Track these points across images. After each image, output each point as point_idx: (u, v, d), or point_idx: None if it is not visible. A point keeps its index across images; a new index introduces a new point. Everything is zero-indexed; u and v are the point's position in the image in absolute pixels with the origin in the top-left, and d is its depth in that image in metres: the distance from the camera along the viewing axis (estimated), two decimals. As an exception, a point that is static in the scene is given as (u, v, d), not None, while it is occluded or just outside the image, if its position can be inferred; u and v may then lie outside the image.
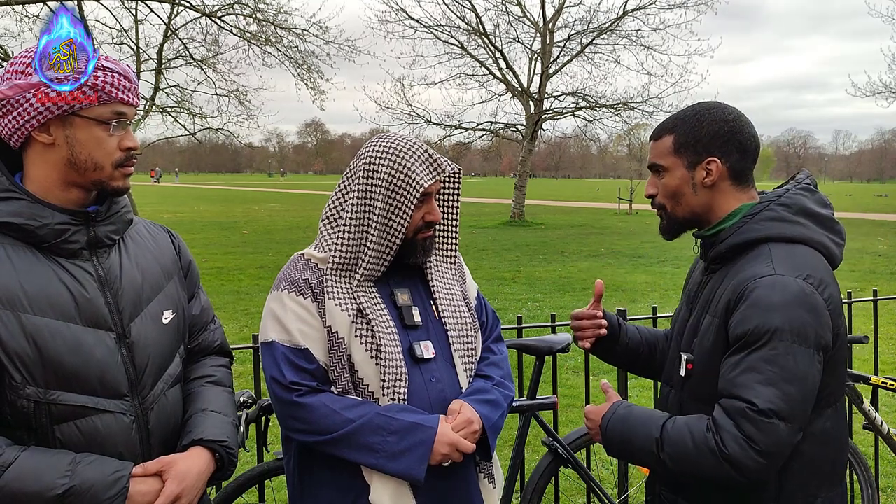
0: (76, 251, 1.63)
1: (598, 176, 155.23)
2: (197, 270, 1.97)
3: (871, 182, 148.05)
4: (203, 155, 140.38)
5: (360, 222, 1.97)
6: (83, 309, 1.61)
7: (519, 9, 27.17)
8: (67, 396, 1.57)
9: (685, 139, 1.87)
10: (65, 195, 1.64)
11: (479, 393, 2.02)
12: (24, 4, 17.38)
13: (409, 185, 1.94)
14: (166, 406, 1.74)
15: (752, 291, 1.71)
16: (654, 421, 1.81)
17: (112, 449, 1.62)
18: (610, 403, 1.93)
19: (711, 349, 1.80)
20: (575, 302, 10.57)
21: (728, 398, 1.69)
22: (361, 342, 1.92)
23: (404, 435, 1.85)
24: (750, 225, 1.82)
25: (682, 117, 1.90)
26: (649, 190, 1.96)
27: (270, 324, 1.95)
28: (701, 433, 1.71)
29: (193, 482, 1.67)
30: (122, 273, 1.70)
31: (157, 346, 1.72)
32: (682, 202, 1.90)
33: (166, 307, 1.78)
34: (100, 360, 1.61)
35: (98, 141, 1.61)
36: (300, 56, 22.43)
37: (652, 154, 1.93)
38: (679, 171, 1.88)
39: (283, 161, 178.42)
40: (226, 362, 2.00)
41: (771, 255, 1.77)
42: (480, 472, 2.06)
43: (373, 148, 2.00)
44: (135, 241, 1.79)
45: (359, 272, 1.96)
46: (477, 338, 2.12)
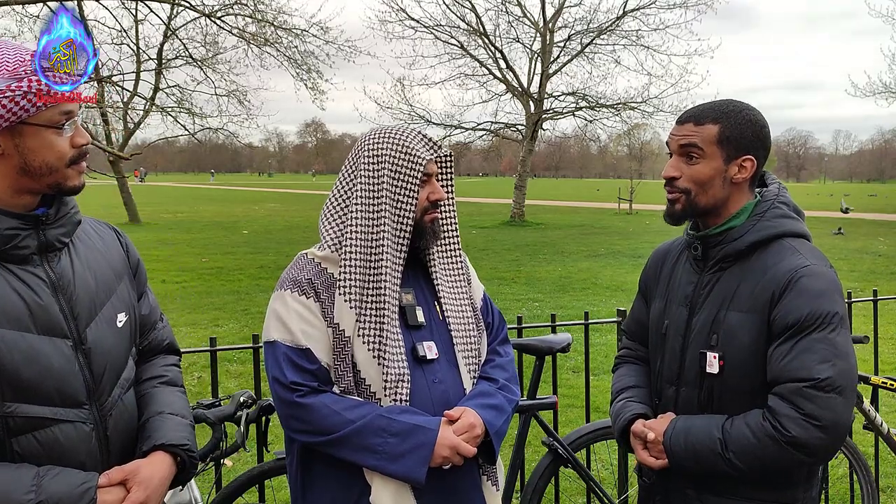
0: (26, 256, 1.57)
1: (598, 176, 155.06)
2: (144, 269, 1.92)
3: (872, 182, 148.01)
4: (203, 155, 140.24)
5: (371, 210, 1.96)
6: (38, 317, 1.55)
7: (519, 9, 27.19)
8: (26, 408, 1.51)
9: (730, 133, 1.88)
10: (14, 201, 1.58)
11: (483, 397, 2.00)
12: (24, 4, 17.38)
13: (413, 162, 1.96)
14: (123, 411, 1.71)
15: (798, 281, 1.79)
16: (711, 425, 1.85)
17: (73, 459, 1.57)
18: (668, 419, 1.95)
19: (750, 344, 1.84)
20: (575, 302, 10.56)
21: (782, 384, 1.76)
22: (364, 341, 1.91)
23: (405, 437, 1.85)
24: (763, 223, 1.89)
25: (726, 111, 1.90)
26: (672, 172, 1.93)
27: (273, 323, 1.95)
28: (758, 424, 1.77)
29: (157, 488, 1.65)
30: (75, 277, 1.64)
31: (113, 350, 1.69)
32: (708, 192, 1.91)
33: (120, 310, 1.74)
34: (57, 369, 1.55)
35: (50, 145, 1.56)
36: (300, 56, 22.45)
37: (693, 136, 1.90)
38: (716, 161, 1.89)
39: (283, 161, 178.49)
40: (176, 360, 1.96)
41: (796, 248, 1.87)
42: (483, 474, 2.05)
43: (371, 138, 2.01)
44: (83, 242, 1.73)
45: (384, 261, 1.93)
46: (481, 339, 2.11)
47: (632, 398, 2.11)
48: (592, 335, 3.67)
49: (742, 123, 1.89)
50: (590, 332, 3.69)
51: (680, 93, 36.81)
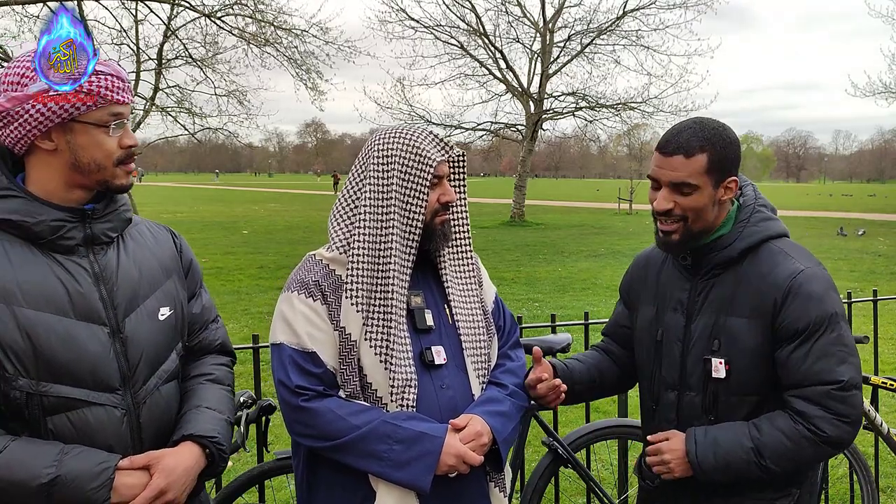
0: (72, 247, 1.66)
1: (598, 176, 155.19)
2: (199, 270, 1.98)
3: (872, 182, 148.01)
4: (203, 155, 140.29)
5: (379, 212, 1.92)
6: (76, 303, 1.63)
7: (519, 9, 27.24)
8: (59, 388, 1.59)
9: (717, 159, 1.88)
10: (66, 195, 1.67)
11: (491, 403, 1.97)
12: (24, 4, 17.37)
13: (423, 164, 1.91)
14: (159, 401, 1.75)
15: (799, 287, 1.86)
16: (739, 434, 1.90)
17: (102, 441, 1.63)
18: (681, 435, 1.97)
19: (755, 348, 1.90)
20: (575, 302, 10.57)
21: (807, 387, 1.85)
22: (371, 345, 1.88)
23: (411, 444, 1.82)
24: (749, 228, 1.95)
25: (710, 136, 1.88)
26: (665, 205, 1.91)
27: (279, 325, 1.93)
28: (791, 428, 1.86)
29: (180, 477, 1.68)
30: (119, 269, 1.72)
31: (151, 341, 1.74)
32: (702, 218, 1.93)
33: (164, 304, 1.79)
34: (92, 353, 1.63)
35: (99, 143, 1.65)
36: (300, 56, 22.43)
37: (681, 172, 1.88)
38: (708, 189, 1.89)
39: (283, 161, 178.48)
40: (227, 361, 2.00)
41: (784, 251, 1.93)
42: (490, 480, 2.01)
43: (381, 138, 1.97)
44: (135, 239, 1.81)
45: (392, 264, 1.90)
46: (492, 344, 2.07)
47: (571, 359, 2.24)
48: (592, 335, 3.67)
49: (725, 147, 1.89)
50: (590, 332, 3.69)
51: (680, 93, 36.94)
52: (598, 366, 2.29)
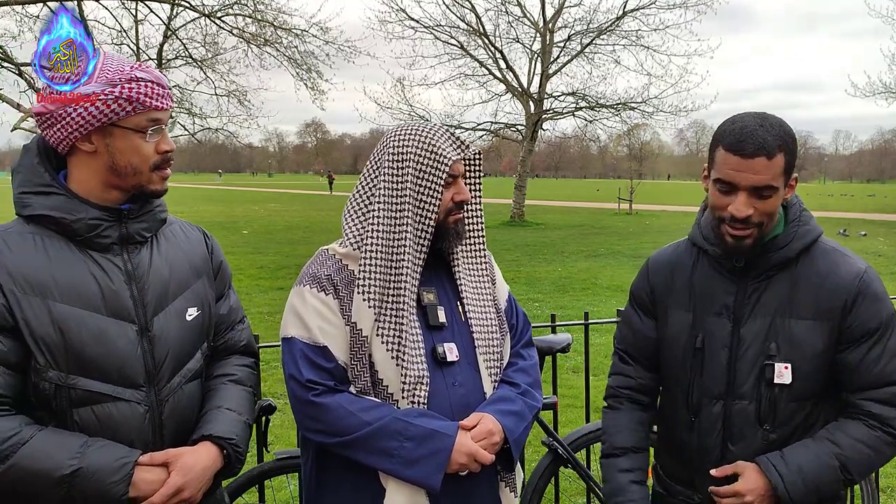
0: (108, 245, 1.71)
1: (598, 176, 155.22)
2: (228, 271, 2.01)
3: (872, 182, 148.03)
4: (203, 155, 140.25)
5: (393, 209, 1.91)
6: (108, 300, 1.68)
7: (519, 9, 27.21)
8: (86, 382, 1.64)
9: (791, 158, 1.80)
10: (104, 196, 1.72)
11: (503, 402, 1.96)
12: (24, 5, 17.37)
13: (438, 162, 1.90)
14: (182, 399, 1.78)
15: (867, 287, 1.83)
16: (820, 454, 1.82)
17: (124, 436, 1.67)
18: (754, 468, 1.84)
19: (822, 351, 1.84)
20: (575, 302, 10.56)
21: (880, 388, 1.81)
22: (383, 341, 1.88)
23: (422, 442, 1.81)
24: (803, 228, 1.90)
25: (782, 133, 1.77)
26: (746, 211, 1.78)
27: (291, 319, 1.92)
28: (870, 436, 1.81)
29: (197, 476, 1.70)
30: (151, 269, 1.76)
31: (177, 340, 1.77)
32: (773, 220, 1.85)
33: (192, 304, 1.83)
34: (121, 350, 1.67)
35: (136, 148, 1.69)
36: (300, 56, 22.42)
37: (764, 175, 1.75)
38: (782, 190, 1.82)
39: (283, 161, 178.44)
40: (250, 362, 2.02)
41: (838, 250, 1.91)
42: (501, 480, 2.01)
43: (397, 134, 1.96)
44: (168, 239, 1.85)
45: (405, 261, 1.89)
46: (504, 342, 2.06)
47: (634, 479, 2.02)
48: (592, 335, 3.68)
49: (794, 143, 1.81)
50: (590, 333, 3.69)
51: (680, 93, 36.83)
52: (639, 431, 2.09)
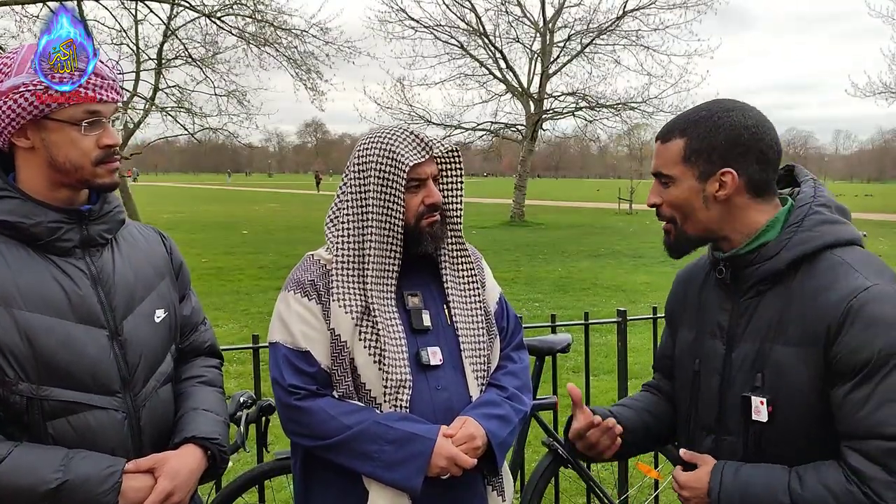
0: (69, 249, 1.65)
1: (599, 176, 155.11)
2: (188, 272, 1.98)
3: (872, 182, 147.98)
4: (203, 155, 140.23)
5: (358, 216, 1.93)
6: (76, 306, 1.62)
7: (519, 9, 27.23)
8: (60, 392, 1.57)
9: (698, 146, 1.61)
10: (53, 195, 1.64)
11: (488, 406, 1.94)
12: (23, 4, 17.37)
13: (396, 167, 1.89)
14: (158, 404, 1.75)
15: (861, 309, 1.47)
16: (776, 483, 1.54)
17: (104, 445, 1.62)
18: (708, 468, 1.64)
19: (806, 383, 1.53)
20: (575, 302, 10.56)
21: (865, 439, 1.46)
22: (365, 345, 1.88)
23: (401, 445, 1.81)
24: (801, 234, 1.58)
25: (695, 119, 1.63)
26: (652, 199, 1.70)
27: (276, 324, 1.95)
28: (843, 488, 1.47)
29: (185, 479, 1.68)
30: (115, 271, 1.71)
31: (149, 343, 1.73)
32: (691, 217, 1.66)
33: (158, 306, 1.79)
34: (92, 356, 1.62)
35: (73, 142, 1.60)
36: (299, 57, 22.43)
37: (657, 160, 1.67)
38: (688, 181, 1.63)
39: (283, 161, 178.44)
40: (216, 363, 2.00)
41: (847, 263, 1.55)
42: (488, 484, 2.00)
43: (362, 142, 1.97)
44: (127, 241, 1.80)
45: (369, 269, 1.90)
46: (492, 345, 2.04)
47: (616, 405, 1.93)
48: (592, 335, 3.67)
49: (712, 131, 1.60)
50: (590, 333, 3.69)
51: (680, 93, 36.62)
52: (649, 409, 1.92)
